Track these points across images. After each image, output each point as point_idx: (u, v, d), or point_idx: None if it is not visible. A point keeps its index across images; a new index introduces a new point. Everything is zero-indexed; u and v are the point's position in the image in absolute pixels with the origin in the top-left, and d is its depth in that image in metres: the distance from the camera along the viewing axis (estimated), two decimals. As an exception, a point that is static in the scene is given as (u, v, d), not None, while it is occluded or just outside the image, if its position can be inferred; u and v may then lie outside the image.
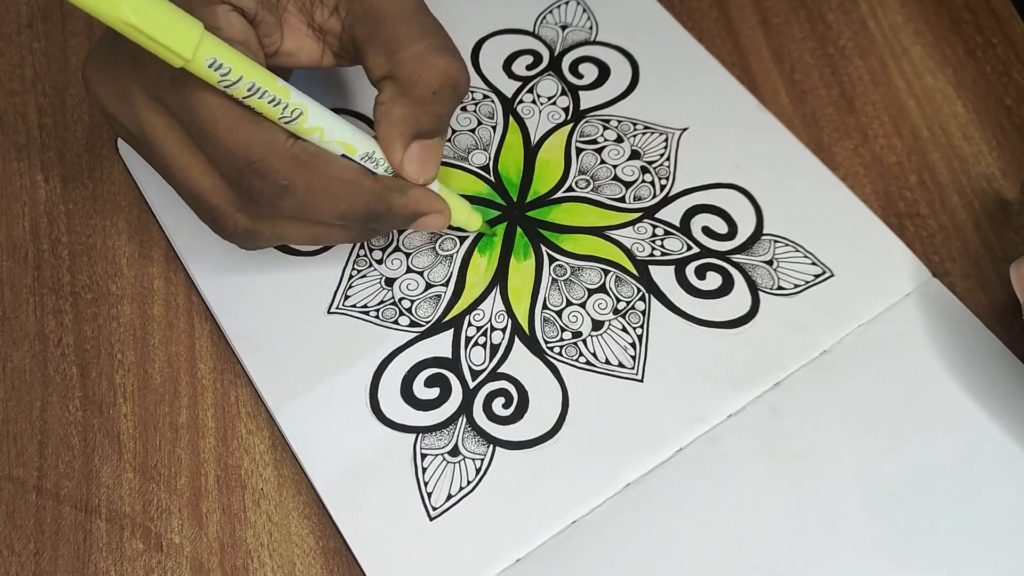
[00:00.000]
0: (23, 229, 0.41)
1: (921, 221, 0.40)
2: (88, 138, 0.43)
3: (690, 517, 0.34)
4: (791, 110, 0.43)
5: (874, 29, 0.45)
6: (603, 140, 0.41)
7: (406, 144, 0.33)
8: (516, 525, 0.33)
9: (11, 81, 0.44)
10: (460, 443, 0.35)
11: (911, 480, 0.34)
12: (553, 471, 0.34)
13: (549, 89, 0.42)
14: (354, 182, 0.32)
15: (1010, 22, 0.45)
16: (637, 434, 0.35)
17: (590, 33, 0.44)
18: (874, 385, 0.36)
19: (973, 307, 0.37)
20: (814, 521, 0.33)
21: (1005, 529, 0.33)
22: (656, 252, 0.38)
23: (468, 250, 0.39)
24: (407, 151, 0.34)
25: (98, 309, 0.39)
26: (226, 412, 0.37)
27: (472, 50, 0.43)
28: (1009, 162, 0.41)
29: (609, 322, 0.37)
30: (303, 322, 0.37)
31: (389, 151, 0.33)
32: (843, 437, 0.35)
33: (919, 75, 0.44)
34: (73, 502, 0.36)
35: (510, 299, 0.38)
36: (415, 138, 0.33)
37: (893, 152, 0.42)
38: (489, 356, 0.36)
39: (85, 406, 0.37)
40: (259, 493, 0.36)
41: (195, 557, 0.35)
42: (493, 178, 0.40)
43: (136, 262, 0.40)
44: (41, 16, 0.46)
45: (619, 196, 0.40)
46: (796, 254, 0.38)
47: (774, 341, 0.36)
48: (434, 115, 0.33)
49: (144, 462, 0.36)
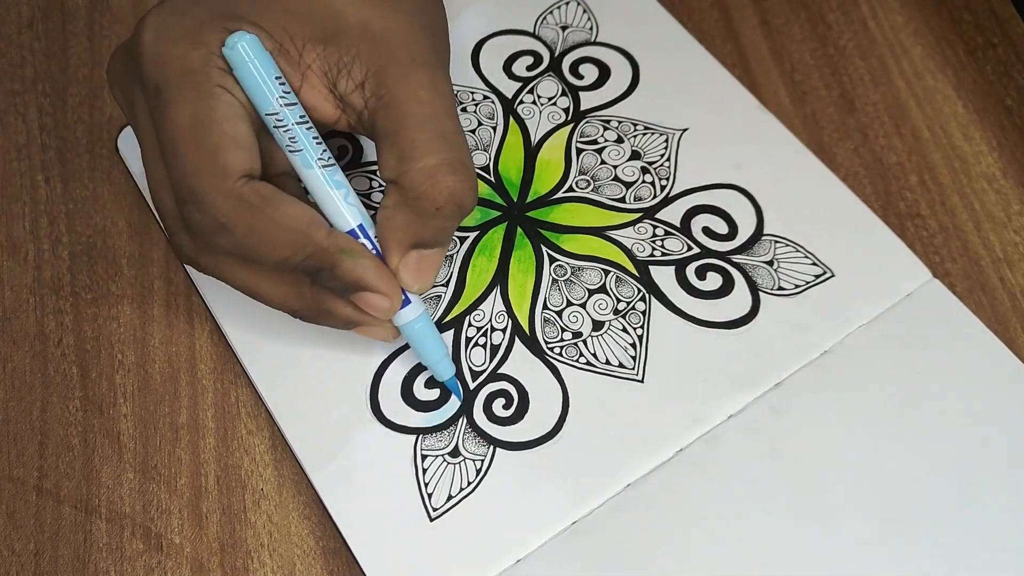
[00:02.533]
0: (23, 229, 0.41)
1: (922, 221, 0.40)
2: (88, 138, 0.43)
3: (690, 517, 0.34)
4: (791, 110, 0.43)
5: (874, 29, 0.45)
6: (603, 140, 0.41)
7: (403, 251, 0.33)
8: (516, 526, 0.33)
9: (11, 81, 0.44)
10: (460, 444, 0.35)
11: (911, 480, 0.34)
12: (553, 472, 0.34)
13: (549, 90, 0.42)
14: (302, 232, 0.31)
15: (1010, 22, 0.45)
16: (637, 434, 0.35)
17: (590, 34, 0.44)
18: (874, 386, 0.36)
19: (973, 308, 0.37)
20: (814, 521, 0.33)
21: (1005, 529, 0.33)
22: (656, 252, 0.38)
23: (468, 251, 0.39)
24: (404, 258, 0.33)
25: (98, 309, 0.39)
26: (226, 412, 0.37)
27: (472, 51, 0.43)
28: (1010, 162, 0.41)
29: (609, 322, 0.37)
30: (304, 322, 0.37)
31: (386, 254, 0.33)
32: (843, 437, 0.35)
33: (919, 75, 0.44)
34: (73, 502, 0.36)
35: (510, 299, 0.38)
36: (414, 247, 0.33)
37: (893, 152, 0.42)
38: (489, 357, 0.36)
39: (85, 406, 0.37)
40: (259, 493, 0.36)
41: (195, 557, 0.35)
42: (493, 178, 0.40)
43: (136, 262, 0.40)
44: (41, 16, 0.46)
45: (619, 196, 0.40)
46: (796, 254, 0.38)
47: (775, 341, 0.36)
48: (435, 228, 0.32)
49: (144, 462, 0.36)
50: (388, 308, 0.33)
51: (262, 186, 0.31)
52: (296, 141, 0.32)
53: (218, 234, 0.31)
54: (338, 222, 0.32)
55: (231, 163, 0.31)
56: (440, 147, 0.31)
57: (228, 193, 0.31)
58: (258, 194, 0.31)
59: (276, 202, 0.31)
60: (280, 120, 0.32)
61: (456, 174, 0.31)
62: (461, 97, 0.42)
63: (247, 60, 0.31)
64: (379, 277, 0.32)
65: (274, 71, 0.32)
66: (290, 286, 0.33)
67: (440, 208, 0.32)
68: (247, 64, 0.31)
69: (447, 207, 0.32)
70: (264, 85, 0.31)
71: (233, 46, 0.31)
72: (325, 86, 0.33)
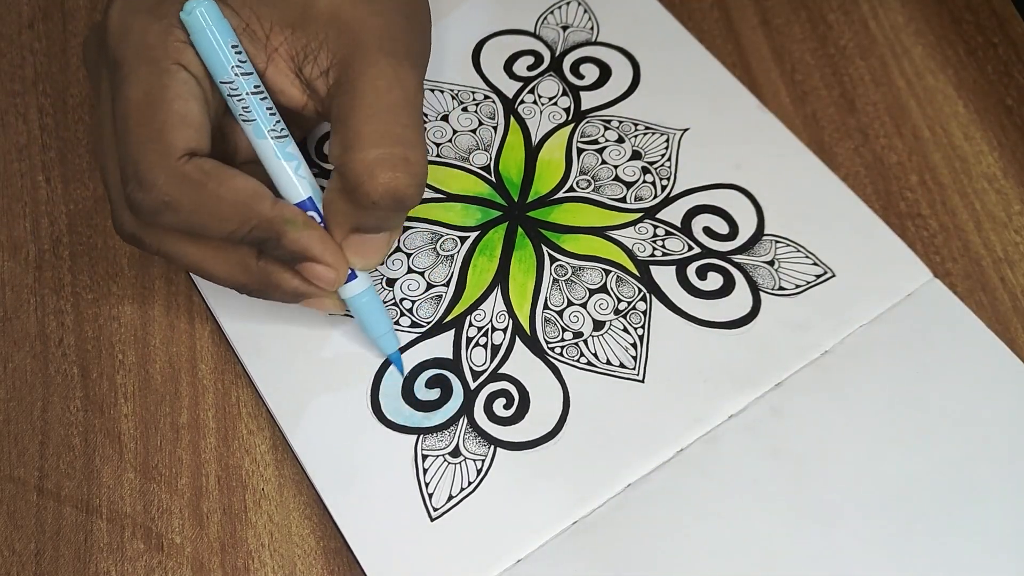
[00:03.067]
0: (24, 229, 0.41)
1: (922, 221, 0.40)
2: (89, 138, 0.43)
3: (691, 518, 0.34)
4: (792, 110, 0.43)
5: (875, 29, 0.45)
6: (604, 140, 0.41)
7: (345, 234, 0.33)
8: (517, 526, 0.33)
9: (12, 81, 0.44)
10: (461, 444, 0.35)
11: (912, 480, 0.34)
12: (554, 472, 0.34)
13: (550, 89, 0.42)
14: (246, 205, 0.31)
15: (1011, 22, 0.45)
16: (638, 434, 0.35)
17: (591, 34, 0.44)
18: (875, 385, 0.36)
19: (974, 308, 0.37)
20: (815, 521, 0.33)
21: (1005, 529, 0.33)
22: (657, 252, 0.38)
23: (469, 250, 0.39)
24: (347, 239, 0.33)
25: (99, 309, 0.39)
26: (227, 412, 0.37)
27: (473, 50, 0.43)
28: (1010, 162, 0.41)
29: (610, 322, 0.37)
30: (304, 323, 0.37)
31: (330, 233, 0.33)
32: (844, 437, 0.35)
33: (920, 75, 0.44)
34: (74, 502, 0.36)
35: (511, 299, 0.38)
36: (356, 232, 0.33)
37: (894, 152, 0.42)
38: (490, 357, 0.36)
39: (86, 406, 0.37)
40: (260, 493, 0.36)
41: (196, 557, 0.35)
42: (494, 178, 0.40)
43: (137, 262, 0.40)
44: (42, 16, 0.46)
45: (620, 196, 0.40)
46: (797, 254, 0.38)
47: (775, 341, 0.36)
48: (375, 218, 0.32)
49: (145, 462, 0.36)
50: (333, 279, 0.33)
51: (204, 161, 0.31)
52: (249, 111, 0.32)
53: (163, 212, 0.31)
54: (289, 193, 0.33)
55: (175, 141, 0.31)
56: (383, 141, 0.31)
57: (171, 171, 0.30)
58: (200, 170, 0.31)
59: (219, 176, 0.31)
60: (234, 89, 0.32)
61: (395, 170, 0.31)
62: (462, 97, 0.42)
63: (204, 26, 0.31)
64: (324, 248, 0.32)
65: (231, 39, 0.32)
66: (236, 261, 0.33)
67: (376, 202, 0.31)
68: (204, 31, 0.31)
69: (383, 201, 0.31)
70: (220, 52, 0.31)
71: (191, 11, 0.31)
72: (291, 70, 0.33)
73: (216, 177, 0.31)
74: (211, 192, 0.31)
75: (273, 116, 0.32)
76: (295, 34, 0.32)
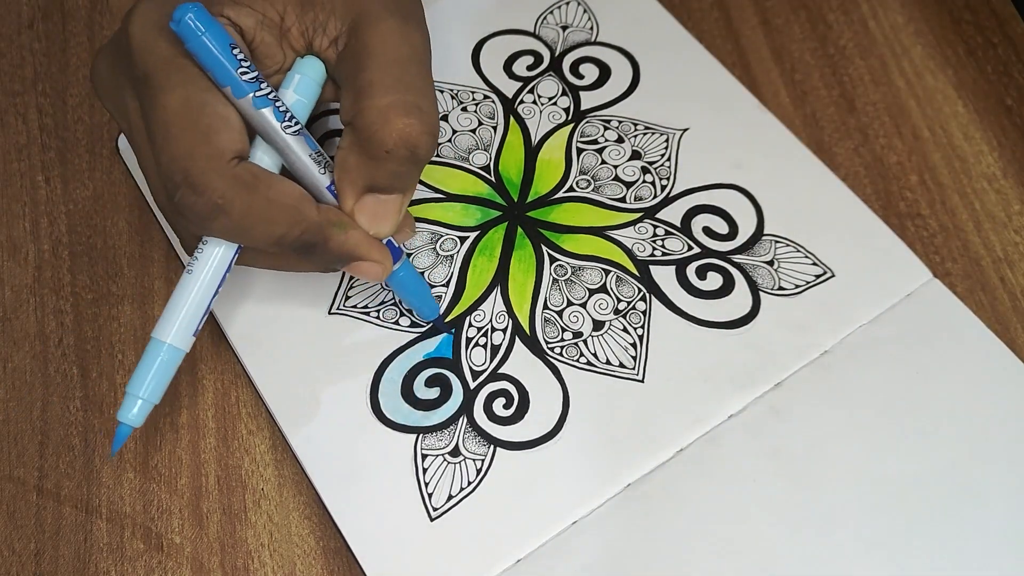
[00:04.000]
0: (23, 229, 0.41)
1: (922, 221, 0.40)
2: (88, 138, 0.43)
3: (691, 517, 0.34)
4: (791, 110, 0.43)
5: (875, 29, 0.45)
6: (604, 140, 0.41)
7: (358, 194, 0.32)
8: (517, 525, 0.33)
9: (11, 81, 0.44)
10: (461, 443, 0.35)
11: (911, 480, 0.34)
12: (554, 471, 0.34)
13: (550, 89, 0.42)
14: (295, 208, 0.31)
15: (1010, 22, 0.45)
16: (638, 434, 0.35)
17: (591, 34, 0.44)
18: (875, 385, 0.36)
19: (974, 308, 0.37)
20: (815, 521, 0.33)
21: (1005, 529, 0.33)
22: (657, 252, 0.38)
23: (469, 251, 0.39)
24: (359, 201, 0.32)
25: (98, 309, 0.39)
26: (227, 412, 0.37)
27: (473, 50, 0.43)
28: (1010, 162, 0.41)
29: (610, 322, 0.37)
30: (304, 323, 0.37)
31: (340, 198, 0.32)
32: (844, 437, 0.35)
33: (920, 75, 0.44)
34: (74, 502, 0.36)
35: (511, 299, 0.38)
36: (369, 191, 0.32)
37: (894, 152, 0.42)
38: (490, 356, 0.36)
39: (86, 406, 0.37)
40: (260, 493, 0.36)
41: (195, 557, 0.35)
42: (494, 178, 0.40)
43: (136, 262, 0.40)
44: (42, 16, 0.46)
45: (620, 196, 0.40)
46: (797, 254, 0.38)
47: (775, 341, 0.36)
48: (389, 172, 0.32)
49: (145, 462, 0.36)
50: (381, 272, 0.33)
51: (252, 166, 0.31)
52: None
53: (216, 217, 0.30)
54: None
55: (224, 144, 0.30)
56: (396, 88, 0.31)
57: (224, 173, 0.30)
58: (251, 173, 0.31)
59: (268, 181, 0.31)
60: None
61: (409, 116, 0.31)
62: (461, 96, 0.42)
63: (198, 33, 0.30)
64: (369, 247, 0.33)
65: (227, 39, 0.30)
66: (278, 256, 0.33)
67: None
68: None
69: (398, 150, 0.31)
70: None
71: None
72: (303, 47, 0.33)
73: (265, 182, 0.31)
74: (262, 196, 0.31)
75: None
76: (304, 10, 0.33)
